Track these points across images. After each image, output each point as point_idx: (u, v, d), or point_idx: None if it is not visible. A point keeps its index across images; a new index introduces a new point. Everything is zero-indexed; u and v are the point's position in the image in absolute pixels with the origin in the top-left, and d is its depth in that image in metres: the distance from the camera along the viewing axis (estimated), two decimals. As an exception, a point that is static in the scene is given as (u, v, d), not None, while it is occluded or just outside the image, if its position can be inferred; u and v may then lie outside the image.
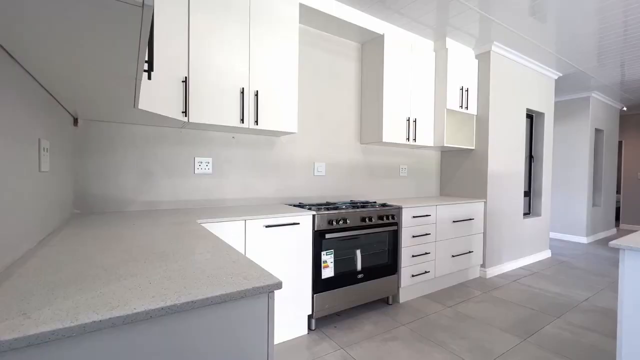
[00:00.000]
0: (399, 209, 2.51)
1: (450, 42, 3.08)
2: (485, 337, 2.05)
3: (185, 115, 1.79)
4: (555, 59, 3.59)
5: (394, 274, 2.50)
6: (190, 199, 2.13)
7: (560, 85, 4.57)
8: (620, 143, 6.48)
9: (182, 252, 0.91)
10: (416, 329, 2.16)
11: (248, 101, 2.00)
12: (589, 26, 2.79)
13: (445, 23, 2.77)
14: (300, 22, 2.53)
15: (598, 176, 5.41)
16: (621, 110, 6.23)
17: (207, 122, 1.87)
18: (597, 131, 5.33)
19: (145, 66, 1.06)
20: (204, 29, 1.84)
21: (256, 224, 1.81)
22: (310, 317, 2.11)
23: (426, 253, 2.70)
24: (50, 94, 1.21)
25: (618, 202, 6.52)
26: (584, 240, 4.96)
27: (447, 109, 3.05)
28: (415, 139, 2.93)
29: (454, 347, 1.93)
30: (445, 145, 3.05)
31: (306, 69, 2.62)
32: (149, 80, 1.33)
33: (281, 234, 1.91)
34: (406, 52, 2.85)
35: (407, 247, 2.56)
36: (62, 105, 1.42)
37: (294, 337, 2.03)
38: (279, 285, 0.67)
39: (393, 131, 2.77)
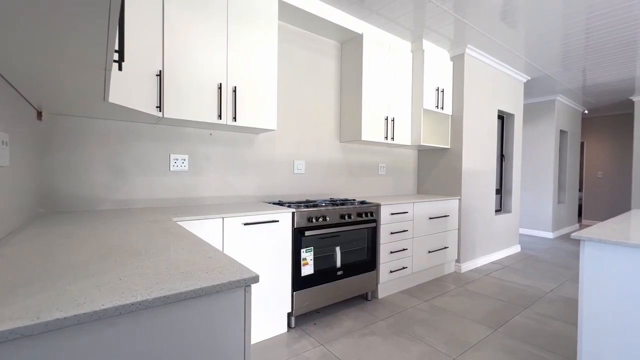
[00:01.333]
0: (378, 206, 2.56)
1: (426, 44, 3.17)
2: (460, 329, 2.13)
3: (160, 110, 1.74)
4: (524, 63, 3.77)
5: (372, 270, 2.54)
6: (165, 197, 2.06)
7: (528, 88, 4.81)
8: (582, 144, 6.92)
9: (156, 250, 0.88)
10: (394, 323, 2.20)
11: (226, 97, 1.97)
12: (554, 32, 2.95)
13: (422, 25, 2.84)
14: (279, 19, 2.52)
15: (562, 175, 5.75)
16: (583, 113, 6.64)
17: (183, 118, 1.82)
18: (562, 132, 5.66)
19: (116, 56, 1.01)
20: (179, 22, 1.79)
21: (234, 222, 1.78)
22: (289, 314, 2.11)
23: (404, 249, 2.76)
24: (10, 84, 1.13)
25: (580, 199, 6.96)
26: (550, 235, 5.25)
27: (424, 109, 3.13)
28: (393, 138, 2.99)
29: (430, 340, 1.99)
30: (422, 144, 3.13)
31: (286, 66, 2.61)
32: (120, 72, 1.28)
33: (260, 231, 1.90)
34: (384, 52, 2.90)
35: (385, 243, 2.61)
36: (23, 97, 1.33)
37: (273, 335, 2.02)
38: (255, 279, 0.67)
39: (372, 130, 2.81)
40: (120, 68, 1.00)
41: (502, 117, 4.32)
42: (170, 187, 2.09)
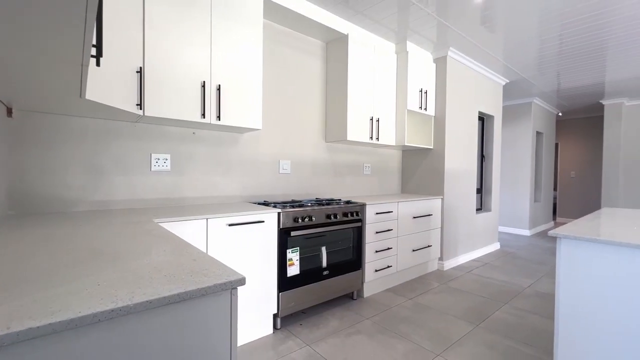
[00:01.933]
0: (363, 205, 2.57)
1: (410, 46, 3.22)
2: (443, 326, 2.18)
3: (141, 108, 1.68)
4: (503, 66, 3.90)
5: (358, 269, 2.56)
6: (147, 198, 2.00)
7: (507, 91, 4.97)
8: (556, 145, 7.22)
9: (137, 252, 0.85)
10: (379, 321, 2.22)
11: (209, 95, 1.93)
12: (530, 38, 3.07)
13: (405, 27, 2.88)
14: (264, 17, 2.49)
15: (539, 175, 5.98)
16: (557, 116, 6.93)
17: (165, 116, 1.77)
18: (538, 134, 5.89)
19: (94, 51, 0.97)
20: (160, 17, 1.73)
21: (219, 223, 1.75)
22: (275, 316, 2.09)
23: (389, 248, 2.80)
24: (-23, 79, 1.06)
25: (555, 198, 7.26)
26: (527, 232, 5.45)
27: (408, 110, 3.18)
28: (378, 138, 3.02)
29: (414, 337, 2.02)
30: (406, 144, 3.18)
31: (271, 65, 2.58)
32: (98, 68, 1.23)
33: (245, 232, 1.87)
34: (369, 53, 2.93)
35: (370, 242, 2.63)
36: (-9, 93, 1.26)
37: (259, 337, 1.99)
38: (242, 282, 0.65)
39: (357, 130, 2.83)
40: (98, 64, 0.96)
41: (483, 119, 4.45)
42: (152, 188, 2.02)
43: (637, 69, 3.91)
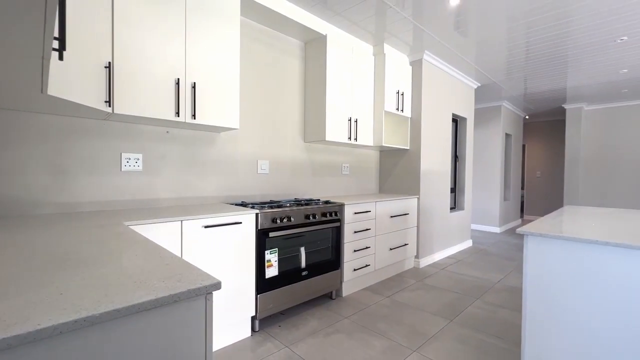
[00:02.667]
0: (342, 205, 2.59)
1: (387, 48, 3.27)
2: (419, 322, 2.23)
3: (109, 105, 1.60)
4: (475, 71, 4.06)
5: (337, 269, 2.57)
6: (117, 200, 1.91)
7: (478, 94, 5.18)
8: (523, 146, 7.61)
9: (105, 258, 0.81)
10: (357, 320, 2.25)
11: (184, 93, 1.87)
12: (500, 44, 3.21)
13: (383, 29, 2.93)
14: (242, 15, 2.45)
15: (508, 174, 6.28)
16: (524, 118, 7.32)
17: (136, 114, 1.69)
18: (507, 136, 6.18)
19: (56, 44, 0.91)
20: (131, 10, 1.66)
21: (194, 225, 1.70)
22: (254, 318, 2.06)
23: (367, 247, 2.83)
24: None
25: (522, 196, 7.66)
26: (497, 230, 5.71)
27: (385, 111, 3.24)
28: (356, 139, 3.05)
29: (392, 334, 2.06)
30: (383, 145, 3.23)
31: (249, 64, 2.54)
32: (61, 62, 1.15)
33: (222, 234, 1.83)
34: (348, 54, 2.95)
35: (349, 242, 2.66)
36: (-62, 86, 1.15)
37: (237, 340, 1.96)
38: (217, 286, 0.64)
39: (336, 130, 2.84)
40: (61, 57, 0.90)
41: (456, 121, 4.61)
42: (123, 189, 1.93)
43: (594, 76, 4.20)
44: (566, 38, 3.05)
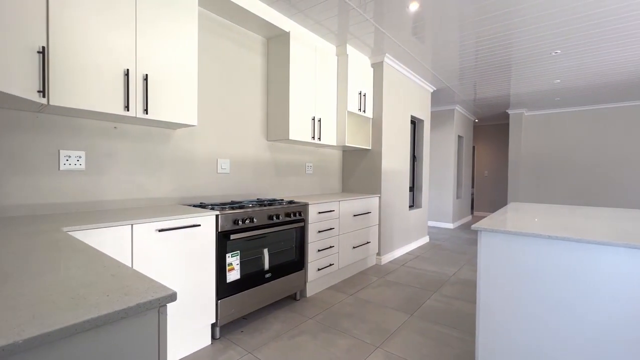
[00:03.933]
0: (306, 205, 2.57)
1: (350, 49, 3.31)
2: (382, 318, 2.29)
3: (44, 96, 1.41)
4: (431, 75, 4.27)
5: (301, 269, 2.54)
6: (54, 202, 1.70)
7: (434, 98, 5.47)
8: (473, 148, 8.20)
9: (36, 271, 0.70)
10: (322, 320, 2.24)
11: (135, 86, 1.71)
12: (453, 50, 3.41)
13: (346, 30, 2.96)
14: (200, 5, 2.31)
15: (460, 174, 6.72)
16: (474, 122, 7.88)
17: (77, 107, 1.52)
18: (459, 138, 6.61)
19: (-30, 21, 0.77)
20: (70, -10, 1.48)
21: (146, 229, 1.57)
22: (214, 325, 1.96)
23: (331, 247, 2.84)
24: None
25: (472, 194, 8.25)
26: (450, 226, 6.07)
27: (348, 111, 3.28)
28: (320, 138, 3.04)
29: (355, 332, 2.08)
30: (346, 144, 3.27)
31: (209, 57, 2.41)
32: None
33: (179, 238, 1.71)
34: (311, 53, 2.93)
35: (313, 242, 2.64)
36: None
37: (196, 349, 1.84)
38: (172, 297, 0.58)
39: (299, 129, 2.81)
40: (-23, 37, 0.77)
41: (414, 122, 4.81)
42: (61, 190, 1.72)
43: (533, 84, 4.64)
44: (510, 48, 3.32)
